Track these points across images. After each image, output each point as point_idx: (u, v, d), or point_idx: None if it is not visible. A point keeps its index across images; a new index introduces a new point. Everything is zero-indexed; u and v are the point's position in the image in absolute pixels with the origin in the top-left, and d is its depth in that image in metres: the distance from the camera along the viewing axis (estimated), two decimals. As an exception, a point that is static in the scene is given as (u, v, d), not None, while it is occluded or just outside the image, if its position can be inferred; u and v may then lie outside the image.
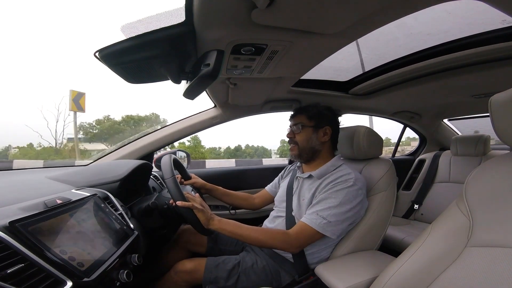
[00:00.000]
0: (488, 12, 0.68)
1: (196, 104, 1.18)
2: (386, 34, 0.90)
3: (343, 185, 0.87)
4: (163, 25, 0.57)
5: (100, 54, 0.60)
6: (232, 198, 1.22)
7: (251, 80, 0.99)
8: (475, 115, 1.94)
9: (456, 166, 1.77)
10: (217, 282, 0.87)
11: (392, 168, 1.01)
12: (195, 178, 1.17)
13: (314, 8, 0.55)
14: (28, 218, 0.49)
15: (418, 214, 1.83)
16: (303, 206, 0.93)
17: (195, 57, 0.73)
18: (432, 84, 1.19)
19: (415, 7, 0.60)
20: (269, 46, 0.71)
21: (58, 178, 0.85)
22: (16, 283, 0.40)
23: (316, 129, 0.99)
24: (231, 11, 0.56)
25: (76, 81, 31.21)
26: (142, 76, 0.75)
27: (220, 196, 1.20)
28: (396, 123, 2.04)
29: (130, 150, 1.29)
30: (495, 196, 0.53)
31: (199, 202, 0.83)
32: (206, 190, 1.19)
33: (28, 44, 31.33)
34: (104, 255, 0.58)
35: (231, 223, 0.85)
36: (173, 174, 0.83)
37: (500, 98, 0.53)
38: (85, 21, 38.98)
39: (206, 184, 1.18)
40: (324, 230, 0.83)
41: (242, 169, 1.79)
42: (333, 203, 0.84)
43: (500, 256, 0.49)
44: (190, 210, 0.80)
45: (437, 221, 0.62)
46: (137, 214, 0.90)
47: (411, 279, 0.59)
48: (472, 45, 0.91)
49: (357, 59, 1.15)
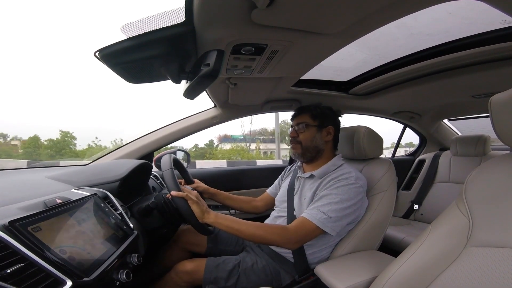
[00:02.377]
0: (488, 12, 0.68)
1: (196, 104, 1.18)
2: (386, 34, 0.90)
3: (344, 182, 0.87)
4: (163, 25, 0.57)
5: (100, 54, 0.60)
6: (235, 202, 1.21)
7: (251, 80, 0.99)
8: (475, 115, 1.94)
9: (456, 166, 1.77)
10: (217, 282, 0.87)
11: (392, 168, 1.01)
12: (198, 183, 1.16)
13: (314, 8, 0.55)
14: (27, 218, 0.49)
15: (418, 214, 1.83)
16: (305, 205, 0.93)
17: (195, 57, 0.73)
18: (432, 84, 1.20)
19: (415, 7, 0.60)
20: (269, 46, 0.71)
21: (58, 178, 0.85)
22: (16, 282, 0.40)
23: (320, 129, 1.00)
24: (231, 11, 0.56)
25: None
26: (142, 76, 0.75)
27: (223, 200, 1.19)
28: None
29: (130, 150, 1.29)
30: (495, 196, 0.53)
31: (194, 195, 0.83)
32: (209, 194, 1.17)
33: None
34: (103, 254, 0.58)
35: (228, 218, 0.83)
36: (171, 167, 0.84)
37: (500, 98, 0.53)
38: (84, 21, 38.93)
39: (209, 189, 1.17)
40: (324, 226, 0.81)
41: (242, 169, 1.79)
42: (333, 199, 0.84)
43: (499, 256, 0.49)
44: (184, 201, 0.80)
45: (436, 221, 0.62)
46: (137, 214, 0.90)
47: (411, 279, 0.59)
48: (472, 45, 0.91)
49: (357, 59, 1.15)
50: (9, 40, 31.94)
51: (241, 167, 1.85)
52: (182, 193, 0.80)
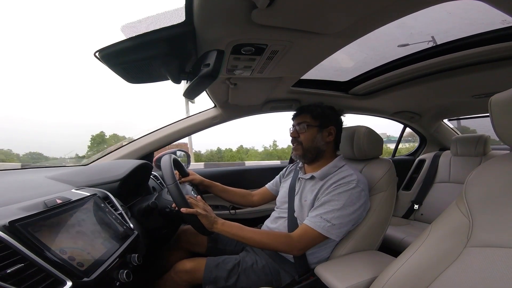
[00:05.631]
0: (488, 12, 0.68)
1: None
2: (386, 34, 0.90)
3: (345, 187, 0.86)
4: (163, 25, 0.57)
5: (100, 54, 0.60)
6: (230, 195, 1.22)
7: (251, 80, 0.99)
8: (475, 115, 1.94)
9: (456, 166, 1.77)
10: (217, 282, 0.87)
11: (392, 168, 1.01)
12: (193, 175, 1.17)
13: (314, 8, 0.55)
14: (28, 218, 0.49)
15: (418, 214, 1.83)
16: (305, 207, 0.93)
17: (195, 57, 0.73)
18: (432, 84, 1.19)
19: (415, 7, 0.60)
20: (269, 46, 0.71)
21: (58, 178, 0.85)
22: (16, 282, 0.40)
23: (321, 129, 0.98)
24: (231, 11, 0.56)
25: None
26: (142, 76, 0.75)
27: (218, 192, 1.20)
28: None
29: (130, 150, 1.29)
30: (495, 196, 0.53)
31: (202, 207, 0.84)
32: (204, 186, 1.19)
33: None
34: (104, 255, 0.58)
35: (233, 226, 0.85)
36: (175, 180, 0.83)
37: (500, 98, 0.53)
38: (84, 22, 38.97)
39: (204, 181, 1.18)
40: (328, 233, 0.83)
41: (242, 169, 1.79)
42: (336, 206, 0.84)
43: (500, 256, 0.49)
44: (194, 216, 0.81)
45: (437, 221, 0.62)
46: (137, 214, 0.90)
47: (411, 279, 0.59)
48: (472, 45, 0.91)
49: (357, 59, 1.15)
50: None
51: (241, 167, 1.85)
52: (192, 210, 0.81)
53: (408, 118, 1.90)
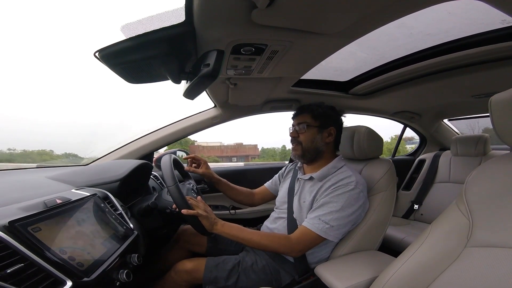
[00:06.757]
0: (488, 12, 0.69)
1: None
2: (386, 34, 0.90)
3: (344, 188, 0.86)
4: (163, 25, 0.57)
5: (100, 54, 0.60)
6: (235, 193, 1.21)
7: (251, 80, 0.99)
8: (475, 115, 1.94)
9: (456, 166, 1.77)
10: (217, 281, 0.87)
11: (392, 168, 1.01)
12: (205, 165, 1.12)
13: (314, 8, 0.55)
14: (27, 218, 0.49)
15: (418, 214, 1.83)
16: (304, 208, 0.93)
17: (195, 57, 0.73)
18: (432, 84, 1.19)
19: (415, 7, 0.60)
20: (269, 46, 0.71)
21: (58, 178, 0.85)
22: (16, 282, 0.40)
23: (321, 130, 0.97)
24: (231, 11, 0.56)
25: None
26: (142, 76, 0.75)
27: (225, 189, 1.19)
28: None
29: (130, 150, 1.29)
30: (495, 196, 0.53)
31: (203, 208, 0.83)
32: (213, 178, 1.14)
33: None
34: (104, 255, 0.58)
35: (233, 227, 0.85)
36: (176, 181, 0.83)
37: (500, 98, 0.53)
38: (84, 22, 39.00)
39: (214, 176, 1.14)
40: (327, 235, 0.83)
41: (242, 169, 1.79)
42: (334, 208, 0.84)
43: (500, 256, 0.49)
44: (195, 217, 0.81)
45: (436, 221, 0.62)
46: (137, 214, 0.90)
47: (411, 279, 0.59)
48: (472, 45, 0.91)
49: (357, 59, 1.15)
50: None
51: (241, 167, 1.86)
52: (193, 211, 0.80)
53: (408, 118, 1.90)
